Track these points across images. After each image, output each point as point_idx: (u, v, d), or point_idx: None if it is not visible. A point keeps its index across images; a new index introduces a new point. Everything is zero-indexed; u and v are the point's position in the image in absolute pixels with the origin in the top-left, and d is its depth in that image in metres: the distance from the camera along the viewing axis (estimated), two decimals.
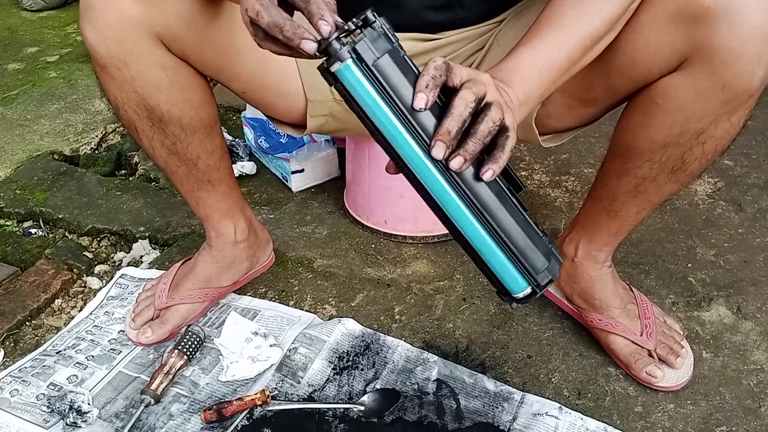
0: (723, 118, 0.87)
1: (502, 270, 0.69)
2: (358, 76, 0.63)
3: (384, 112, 0.64)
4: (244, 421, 1.01)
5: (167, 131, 1.01)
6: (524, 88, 0.77)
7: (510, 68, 0.78)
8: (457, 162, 0.64)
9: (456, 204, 0.67)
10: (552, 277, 0.70)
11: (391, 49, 0.64)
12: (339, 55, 0.63)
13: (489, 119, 0.65)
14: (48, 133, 1.82)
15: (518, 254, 0.68)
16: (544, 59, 0.79)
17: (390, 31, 0.65)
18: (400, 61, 0.65)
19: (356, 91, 0.64)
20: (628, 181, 0.99)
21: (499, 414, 1.03)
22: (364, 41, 0.63)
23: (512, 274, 0.69)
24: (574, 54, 0.81)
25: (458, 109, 0.64)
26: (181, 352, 1.08)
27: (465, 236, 0.68)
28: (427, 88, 0.63)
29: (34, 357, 1.13)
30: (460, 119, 0.64)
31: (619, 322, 1.10)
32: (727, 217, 1.47)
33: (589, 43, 0.81)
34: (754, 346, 1.15)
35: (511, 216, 0.68)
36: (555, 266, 0.70)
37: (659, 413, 1.04)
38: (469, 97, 0.65)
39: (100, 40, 0.91)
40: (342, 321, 1.18)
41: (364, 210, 1.43)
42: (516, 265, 0.69)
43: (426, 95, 0.63)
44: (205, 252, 1.20)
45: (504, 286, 0.70)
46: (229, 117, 1.90)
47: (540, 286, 0.69)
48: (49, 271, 1.34)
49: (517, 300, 0.71)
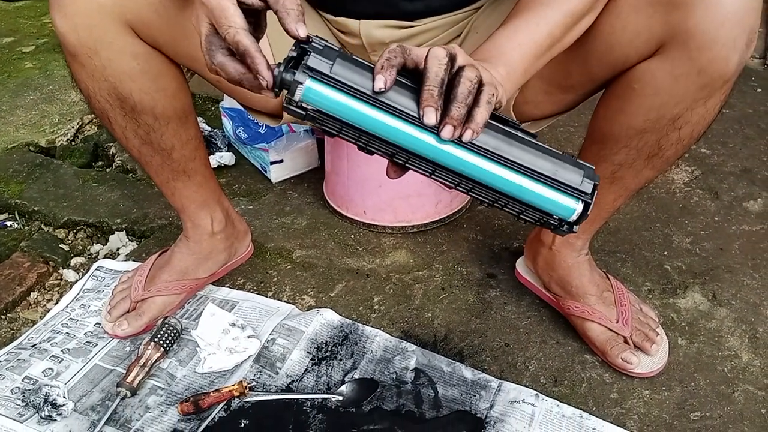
0: (699, 103, 0.87)
1: (545, 201, 0.67)
2: (323, 91, 0.63)
3: (362, 111, 0.64)
4: (221, 412, 1.01)
5: (140, 121, 1.00)
6: (505, 63, 0.76)
7: (489, 48, 0.78)
8: (447, 131, 0.63)
9: (470, 161, 0.65)
10: (594, 181, 0.67)
11: (340, 53, 0.64)
12: (297, 79, 0.63)
13: (465, 79, 0.64)
14: (24, 125, 1.79)
15: (552, 177, 0.66)
16: (524, 35, 0.79)
17: (329, 42, 0.65)
18: (352, 60, 0.65)
19: (327, 105, 0.64)
20: (605, 168, 0.99)
21: (476, 402, 1.03)
22: (312, 56, 0.63)
23: (556, 199, 0.67)
24: (555, 31, 0.81)
25: (432, 70, 0.64)
26: (157, 344, 1.07)
27: (493, 187, 0.66)
28: (383, 68, 0.63)
29: (9, 350, 1.12)
30: (437, 79, 0.63)
31: (596, 309, 1.11)
32: (703, 205, 1.48)
33: (569, 21, 0.82)
34: (729, 333, 1.16)
35: (527, 147, 0.66)
36: (590, 172, 0.67)
37: (635, 399, 1.05)
38: (440, 53, 0.64)
39: (70, 28, 0.90)
40: (320, 311, 1.17)
41: (343, 200, 1.43)
42: (556, 187, 0.66)
43: (383, 75, 0.63)
44: (181, 243, 1.19)
45: (557, 218, 0.68)
46: (207, 107, 1.89)
47: (588, 194, 0.66)
48: (24, 263, 1.32)
49: (576, 222, 0.68)
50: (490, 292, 1.25)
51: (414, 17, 1.03)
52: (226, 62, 0.68)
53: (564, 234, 0.70)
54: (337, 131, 0.67)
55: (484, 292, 1.25)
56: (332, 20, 1.06)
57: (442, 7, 1.03)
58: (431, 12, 1.03)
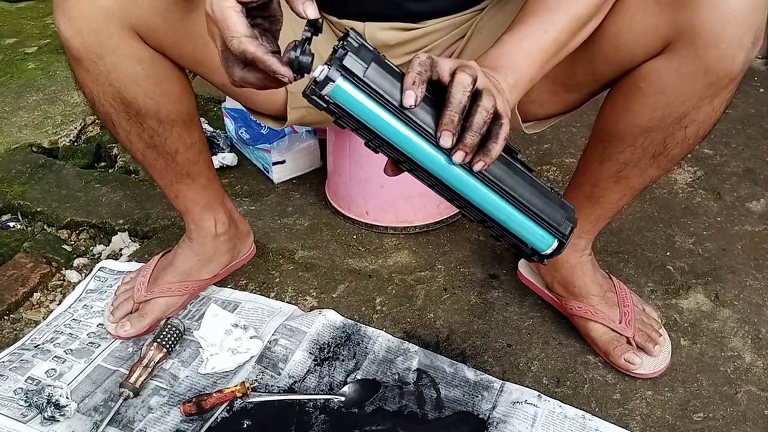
0: (705, 102, 0.87)
1: (528, 232, 0.71)
2: (352, 92, 0.64)
3: (384, 119, 0.65)
4: (224, 413, 1.01)
5: (144, 125, 1.00)
6: (513, 72, 0.77)
7: (496, 55, 0.78)
8: (459, 156, 0.65)
9: (472, 184, 0.68)
10: (573, 224, 0.72)
11: (375, 57, 0.65)
12: (330, 76, 0.63)
13: (482, 109, 0.65)
14: (26, 125, 1.80)
15: (539, 213, 0.70)
16: (530, 42, 0.79)
17: (366, 40, 0.65)
18: (385, 65, 0.65)
19: (352, 106, 0.65)
20: (610, 167, 0.99)
21: (479, 403, 1.03)
22: (349, 55, 0.63)
23: (538, 233, 0.71)
24: (561, 36, 0.81)
25: (456, 96, 0.65)
26: (160, 344, 1.08)
27: (484, 211, 0.70)
28: (414, 84, 0.64)
29: (12, 351, 1.12)
30: (460, 106, 0.65)
31: (599, 309, 1.11)
32: (706, 205, 1.48)
33: (575, 26, 0.82)
34: (732, 333, 1.16)
35: (524, 181, 0.70)
36: (571, 214, 0.73)
37: (637, 400, 1.05)
38: (466, 81, 0.65)
39: (75, 33, 0.90)
40: (323, 312, 1.18)
41: (345, 201, 1.43)
42: (539, 223, 0.71)
43: (414, 92, 0.64)
44: (185, 245, 1.20)
45: (532, 247, 0.73)
46: (209, 108, 1.89)
47: (565, 235, 0.72)
48: (27, 264, 1.32)
49: (547, 256, 0.73)
50: (492, 292, 1.25)
51: (419, 19, 1.03)
52: (246, 75, 0.68)
53: (532, 261, 0.73)
54: (352, 128, 0.67)
55: (487, 292, 1.25)
56: (336, 22, 1.06)
57: (447, 8, 1.03)
58: (436, 13, 1.03)
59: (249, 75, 0.68)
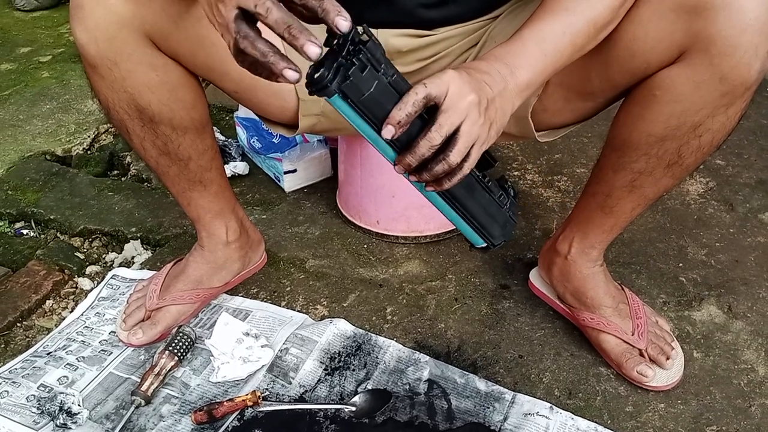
0: (720, 110, 0.87)
1: (469, 234, 0.89)
2: (344, 106, 0.71)
3: (368, 130, 0.74)
4: (234, 422, 1.01)
5: (158, 131, 1.01)
6: (529, 73, 0.79)
7: (516, 51, 0.80)
8: (414, 178, 0.77)
9: (430, 194, 0.82)
10: (505, 239, 0.90)
11: (378, 82, 0.70)
12: (333, 88, 0.68)
13: (446, 163, 0.74)
14: (40, 134, 1.81)
15: (479, 227, 0.87)
16: (550, 44, 0.80)
17: (380, 54, 0.70)
18: (384, 90, 0.71)
19: (344, 112, 0.72)
20: (624, 176, 0.99)
21: (490, 414, 1.03)
22: (351, 82, 0.68)
23: (475, 237, 0.89)
24: (578, 40, 0.82)
25: (421, 150, 0.73)
26: (172, 353, 1.08)
27: (442, 212, 0.86)
28: (399, 124, 0.71)
29: (24, 358, 1.13)
30: (418, 157, 0.74)
31: (611, 321, 1.10)
32: (718, 216, 1.47)
33: (593, 31, 0.82)
34: (745, 346, 1.15)
35: (475, 200, 0.84)
36: (509, 232, 0.89)
37: (650, 413, 1.04)
38: (436, 140, 0.73)
39: (90, 40, 0.91)
40: (333, 321, 1.18)
41: (356, 210, 1.43)
42: (478, 233, 0.88)
43: (394, 129, 0.71)
44: (196, 252, 1.20)
45: (470, 241, 0.91)
46: (221, 117, 1.90)
47: (494, 245, 0.89)
48: (40, 272, 1.33)
49: (477, 248, 0.91)
50: (503, 303, 1.25)
51: (431, 26, 1.04)
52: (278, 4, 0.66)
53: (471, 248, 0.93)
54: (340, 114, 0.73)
55: (498, 303, 1.25)
56: None
57: (460, 16, 1.04)
58: (448, 21, 1.04)
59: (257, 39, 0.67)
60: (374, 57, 0.69)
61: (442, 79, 0.73)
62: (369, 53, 0.69)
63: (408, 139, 0.74)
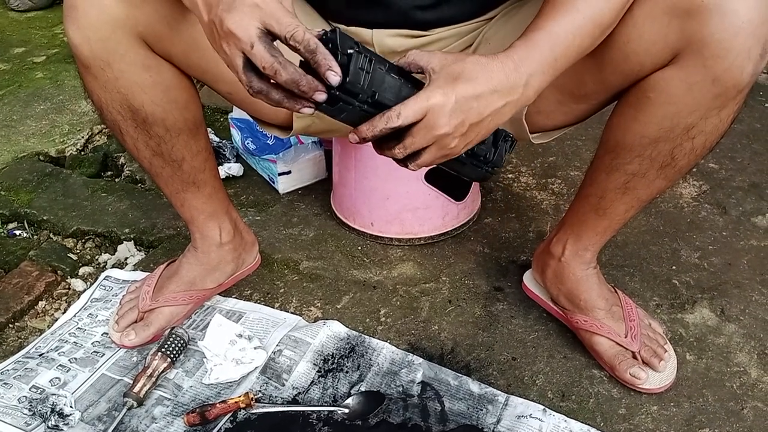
0: (713, 112, 0.88)
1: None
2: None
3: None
4: (227, 424, 1.01)
5: (151, 132, 1.01)
6: (540, 81, 0.80)
7: (533, 57, 0.79)
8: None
9: None
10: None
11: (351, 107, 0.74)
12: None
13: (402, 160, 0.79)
14: (34, 134, 1.80)
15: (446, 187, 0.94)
16: (560, 48, 0.80)
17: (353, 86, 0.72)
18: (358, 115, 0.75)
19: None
20: (617, 178, 0.99)
21: (483, 416, 1.03)
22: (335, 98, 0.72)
23: None
24: (584, 42, 0.82)
25: (382, 149, 0.78)
26: (164, 354, 1.07)
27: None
28: (364, 140, 0.76)
29: (16, 359, 1.12)
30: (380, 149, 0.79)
31: (604, 323, 1.10)
32: (711, 219, 1.48)
33: (598, 33, 0.83)
34: (738, 349, 1.16)
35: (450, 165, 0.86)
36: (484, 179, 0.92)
37: (643, 415, 1.04)
38: (397, 156, 0.78)
39: (84, 40, 0.91)
40: (327, 323, 1.17)
41: (350, 212, 1.43)
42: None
43: (359, 139, 0.76)
44: (189, 254, 1.20)
45: None
46: (216, 118, 1.90)
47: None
48: (32, 272, 1.33)
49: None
50: (497, 305, 1.25)
51: (426, 27, 1.04)
52: (287, 63, 0.69)
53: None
54: None
55: (491, 305, 1.25)
56: (345, 30, 1.06)
57: (455, 17, 1.04)
58: (443, 22, 1.04)
59: (269, 88, 0.71)
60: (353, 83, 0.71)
61: (421, 106, 0.74)
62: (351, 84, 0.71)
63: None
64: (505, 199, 1.54)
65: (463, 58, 0.77)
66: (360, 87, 0.71)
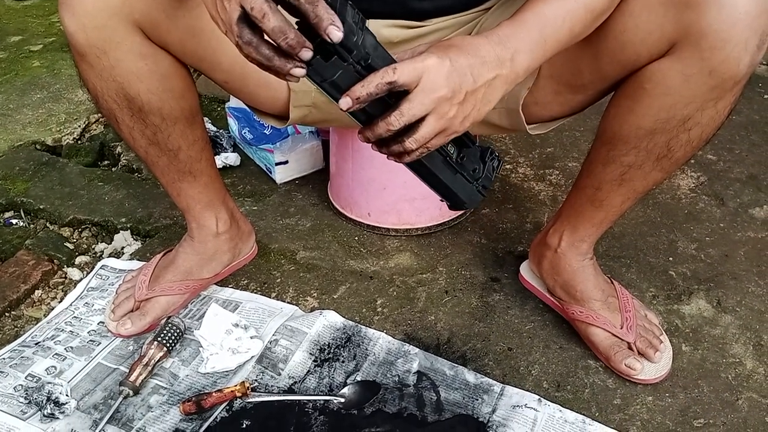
0: (709, 104, 0.87)
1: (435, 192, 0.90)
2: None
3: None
4: (223, 413, 1.01)
5: (147, 121, 1.00)
6: (528, 59, 0.79)
7: (520, 35, 0.79)
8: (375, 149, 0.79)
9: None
10: (468, 207, 1.01)
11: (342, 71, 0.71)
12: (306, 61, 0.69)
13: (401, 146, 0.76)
14: (30, 123, 1.80)
15: (442, 196, 0.90)
16: (550, 30, 0.80)
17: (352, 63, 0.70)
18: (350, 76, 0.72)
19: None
20: (613, 169, 0.99)
21: (478, 406, 1.03)
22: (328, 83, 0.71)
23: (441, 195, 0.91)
24: (576, 27, 0.82)
25: (379, 129, 0.74)
26: (160, 343, 1.07)
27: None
28: (358, 99, 0.70)
29: (12, 348, 1.12)
30: (376, 135, 0.75)
31: (600, 314, 1.11)
32: (709, 211, 1.48)
33: (590, 18, 0.82)
34: (733, 340, 1.16)
35: (440, 173, 0.86)
36: (475, 202, 0.91)
37: (638, 406, 1.05)
38: (394, 126, 0.74)
39: (79, 28, 0.90)
40: (323, 313, 1.17)
41: (347, 202, 1.43)
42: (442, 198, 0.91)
43: (351, 103, 0.71)
44: (186, 243, 1.20)
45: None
46: (213, 108, 1.89)
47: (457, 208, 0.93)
48: (29, 261, 1.32)
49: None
50: (493, 295, 1.25)
51: (423, 17, 1.03)
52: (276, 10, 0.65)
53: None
54: None
55: (488, 295, 1.25)
56: None
57: (452, 7, 1.03)
58: (440, 12, 1.03)
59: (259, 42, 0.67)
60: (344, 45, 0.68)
61: (416, 67, 0.72)
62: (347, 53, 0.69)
63: (373, 113, 0.74)
64: (502, 190, 1.54)
65: (450, 38, 0.76)
66: (355, 43, 0.69)
